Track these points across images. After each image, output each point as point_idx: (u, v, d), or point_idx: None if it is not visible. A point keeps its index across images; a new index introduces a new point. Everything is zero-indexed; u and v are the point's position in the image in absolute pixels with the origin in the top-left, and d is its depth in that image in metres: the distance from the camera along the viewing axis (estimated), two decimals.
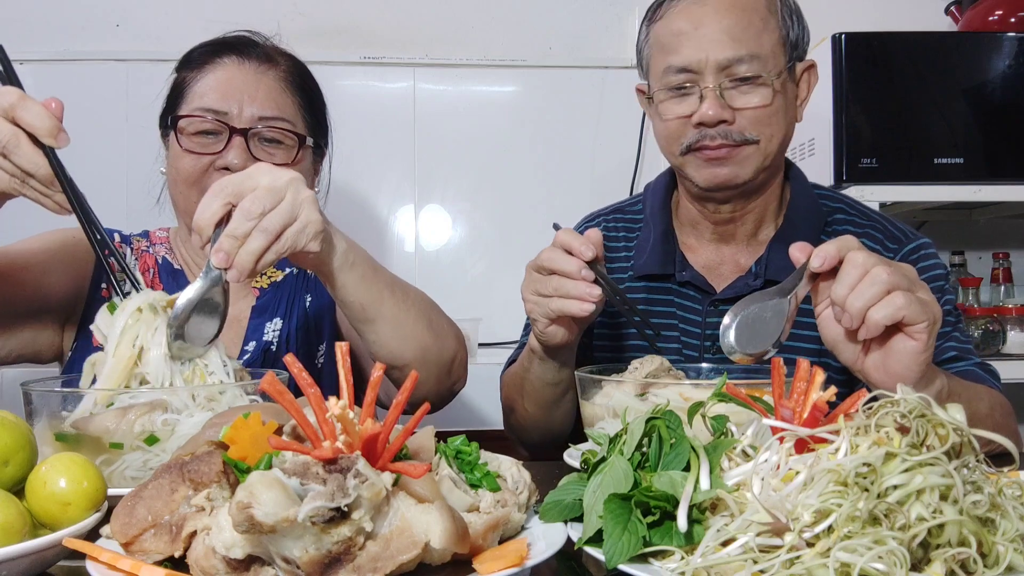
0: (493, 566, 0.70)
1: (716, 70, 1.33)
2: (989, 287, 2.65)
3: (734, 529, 0.69)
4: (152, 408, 0.98)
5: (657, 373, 1.19)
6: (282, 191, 1.06)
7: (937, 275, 1.43)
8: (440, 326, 1.32)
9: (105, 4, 2.43)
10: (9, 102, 1.05)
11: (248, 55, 1.46)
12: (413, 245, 2.61)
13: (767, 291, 1.09)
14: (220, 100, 1.41)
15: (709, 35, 1.33)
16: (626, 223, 1.59)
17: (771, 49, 1.35)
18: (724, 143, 1.35)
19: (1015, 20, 2.43)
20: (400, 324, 1.24)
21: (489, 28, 2.60)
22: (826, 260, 1.03)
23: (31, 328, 1.40)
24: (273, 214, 1.05)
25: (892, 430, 0.71)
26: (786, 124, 1.40)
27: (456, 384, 1.38)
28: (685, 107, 1.37)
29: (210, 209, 1.05)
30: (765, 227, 1.49)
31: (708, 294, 1.46)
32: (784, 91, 1.37)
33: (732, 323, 1.08)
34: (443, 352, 1.31)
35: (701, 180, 1.40)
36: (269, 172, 1.08)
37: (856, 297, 1.00)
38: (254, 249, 1.04)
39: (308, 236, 1.08)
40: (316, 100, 1.54)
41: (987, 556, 0.66)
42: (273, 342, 1.48)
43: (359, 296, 1.21)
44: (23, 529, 0.74)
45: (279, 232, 1.06)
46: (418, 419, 0.73)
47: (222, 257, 1.04)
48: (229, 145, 1.39)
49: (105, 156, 2.35)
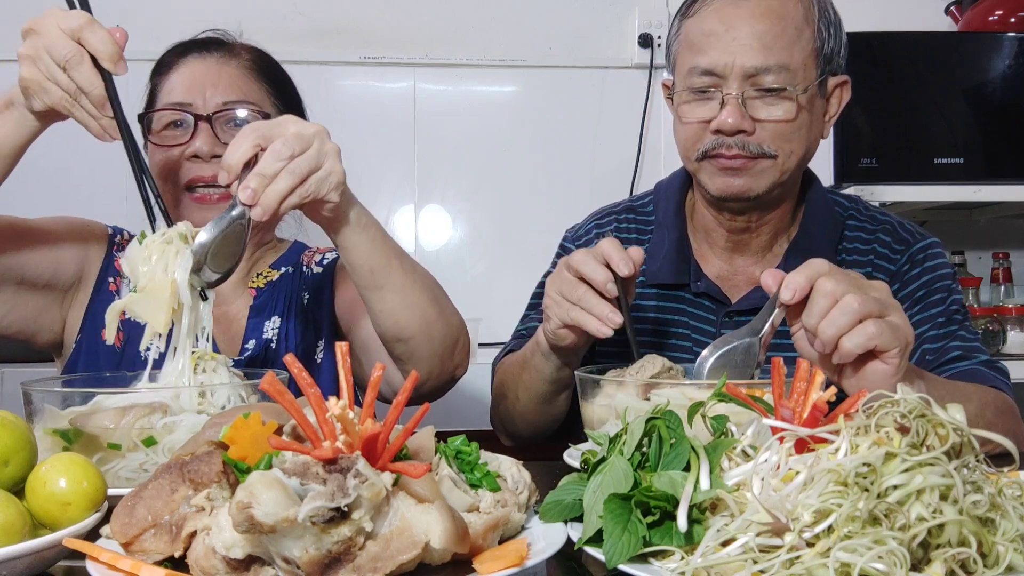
0: (493, 566, 0.70)
1: (741, 77, 1.29)
2: (989, 287, 2.65)
3: (734, 529, 0.69)
4: (152, 410, 0.98)
5: (660, 374, 1.19)
6: (309, 139, 1.10)
7: (944, 274, 1.43)
8: (445, 304, 1.33)
9: (105, 4, 2.42)
10: (78, 23, 1.10)
11: (210, 50, 1.48)
12: (413, 245, 2.61)
13: (738, 331, 1.11)
14: (184, 93, 1.43)
15: (739, 39, 1.29)
16: (638, 224, 1.56)
17: (802, 61, 1.31)
18: (740, 154, 1.31)
19: (1015, 20, 2.43)
20: (407, 293, 1.25)
21: (489, 28, 2.60)
22: (796, 292, 1.02)
23: (35, 301, 1.40)
24: (301, 158, 1.09)
25: (892, 430, 0.71)
26: (808, 141, 1.36)
27: (457, 369, 1.38)
28: (705, 111, 1.33)
29: (240, 149, 1.09)
30: (780, 238, 1.47)
31: (723, 305, 1.43)
32: (811, 107, 1.33)
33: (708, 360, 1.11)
34: (447, 329, 1.31)
35: (714, 189, 1.37)
36: (296, 121, 1.13)
37: (828, 325, 0.99)
38: (281, 189, 1.08)
39: (331, 185, 1.13)
40: (285, 87, 1.54)
41: (987, 556, 0.66)
42: (273, 340, 1.48)
43: (369, 259, 1.22)
44: (23, 529, 0.74)
45: (305, 176, 1.10)
46: (418, 419, 0.73)
47: (249, 194, 1.08)
48: (196, 133, 1.40)
49: (105, 156, 2.34)
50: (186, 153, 1.41)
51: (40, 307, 1.41)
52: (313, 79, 1.67)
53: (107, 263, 1.48)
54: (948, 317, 1.40)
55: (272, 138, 1.09)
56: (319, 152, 1.11)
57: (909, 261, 1.44)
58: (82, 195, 2.29)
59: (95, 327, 1.43)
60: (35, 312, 1.41)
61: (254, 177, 1.08)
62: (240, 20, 1.61)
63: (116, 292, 1.46)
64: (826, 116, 1.41)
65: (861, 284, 1.02)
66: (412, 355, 1.28)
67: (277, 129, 1.11)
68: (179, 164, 1.42)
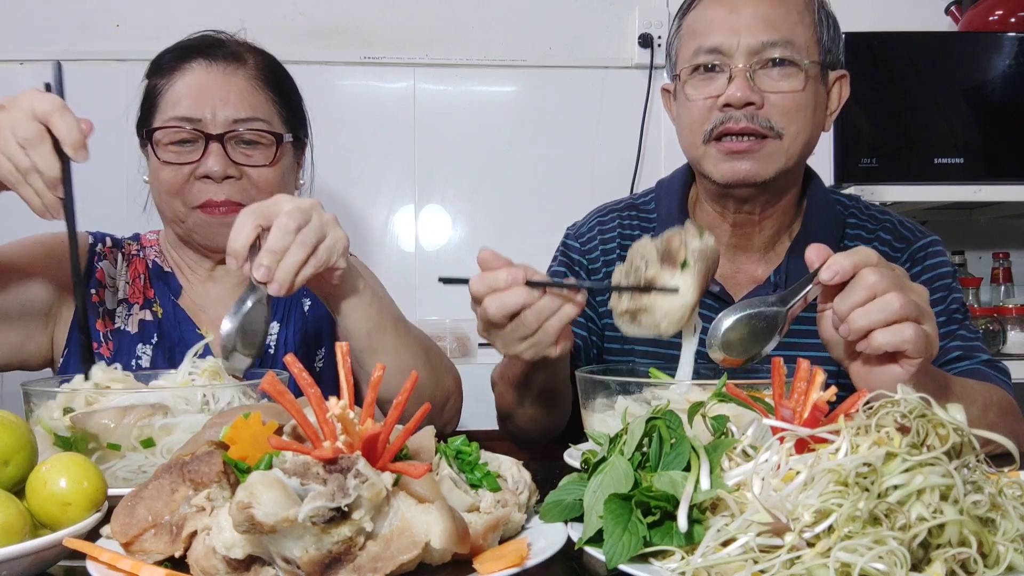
0: (493, 566, 0.70)
1: (748, 53, 1.30)
2: (989, 287, 2.65)
3: (734, 529, 0.69)
4: (153, 411, 0.98)
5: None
6: (308, 212, 1.14)
7: (945, 273, 1.42)
8: (438, 364, 1.35)
9: (105, 4, 2.43)
10: (49, 107, 1.12)
11: (215, 57, 1.45)
12: (413, 245, 2.61)
13: (767, 298, 1.07)
14: (192, 107, 1.40)
15: (744, 20, 1.31)
16: (640, 221, 1.55)
17: (805, 42, 1.32)
18: (749, 126, 1.31)
19: (1015, 20, 2.43)
20: (400, 355, 1.28)
21: (489, 28, 2.60)
22: (837, 275, 1.01)
23: (15, 333, 1.39)
24: (308, 229, 1.13)
25: (892, 430, 0.71)
26: (812, 125, 1.36)
27: (447, 426, 1.40)
28: (713, 88, 1.33)
29: (243, 232, 1.12)
30: (782, 236, 1.46)
31: (726, 303, 1.43)
32: (815, 88, 1.34)
33: (726, 321, 1.06)
34: (439, 389, 1.35)
35: (719, 175, 1.35)
36: (290, 199, 1.15)
37: (862, 316, 0.99)
38: (294, 262, 1.11)
39: (338, 252, 1.17)
40: (290, 93, 1.53)
41: (987, 556, 0.66)
42: (271, 346, 1.49)
43: (365, 322, 1.25)
44: (23, 529, 0.74)
45: (315, 246, 1.13)
46: (418, 419, 0.73)
47: (263, 272, 1.10)
48: (207, 152, 1.39)
49: (104, 156, 2.33)
50: (197, 173, 1.39)
51: (22, 337, 1.40)
52: (313, 79, 1.67)
53: (88, 274, 1.46)
54: (948, 317, 1.40)
55: (271, 216, 1.12)
56: (321, 222, 1.14)
57: (910, 260, 1.44)
58: (81, 196, 2.29)
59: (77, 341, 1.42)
60: (18, 342, 1.40)
61: (266, 254, 1.10)
62: (240, 20, 1.61)
63: (100, 303, 1.46)
64: (828, 110, 1.41)
65: (904, 284, 1.02)
66: None
67: (275, 208, 1.13)
68: (189, 182, 1.40)
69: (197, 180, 1.39)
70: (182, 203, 1.41)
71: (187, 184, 1.40)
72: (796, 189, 1.45)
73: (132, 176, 1.60)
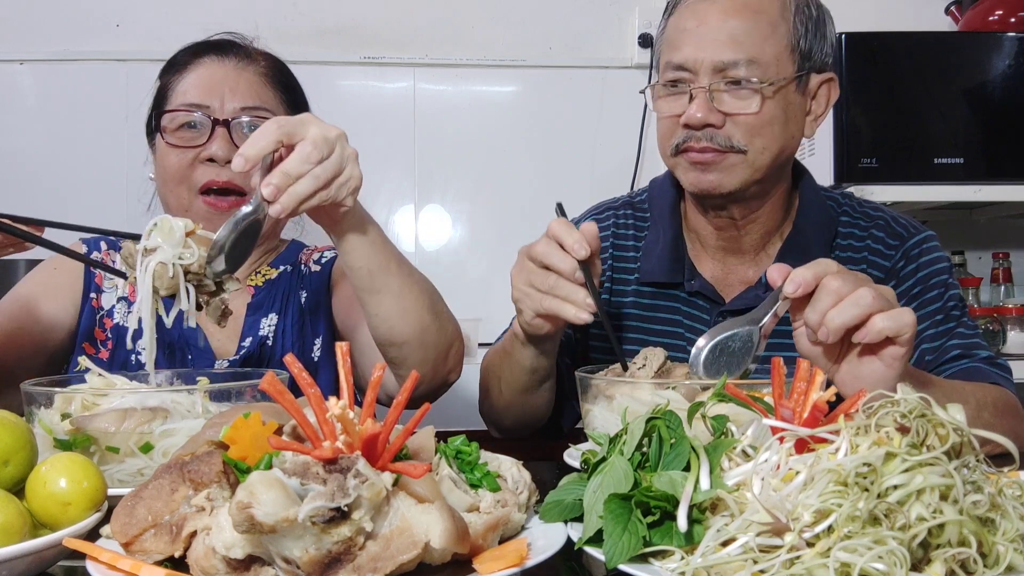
0: (493, 566, 0.70)
1: (711, 71, 1.30)
2: (989, 287, 2.65)
3: (734, 529, 0.69)
4: (153, 416, 0.98)
5: (667, 368, 1.18)
6: (332, 143, 1.11)
7: (941, 268, 1.41)
8: (441, 310, 1.33)
9: (105, 4, 2.43)
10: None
11: (228, 53, 1.48)
12: (413, 245, 2.61)
13: (738, 319, 1.10)
14: (202, 95, 1.43)
15: (710, 35, 1.31)
16: (636, 220, 1.55)
17: (775, 56, 1.31)
18: (708, 146, 1.31)
19: (1015, 20, 2.43)
20: (403, 298, 1.25)
21: (489, 28, 2.60)
22: (800, 286, 1.02)
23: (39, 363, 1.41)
24: (327, 163, 1.10)
25: (892, 430, 0.71)
26: (783, 137, 1.34)
27: (450, 374, 1.38)
28: (677, 106, 1.34)
29: (263, 141, 1.08)
30: (772, 238, 1.46)
31: (717, 304, 1.43)
32: (784, 102, 1.33)
33: (704, 348, 1.09)
34: (442, 335, 1.31)
35: (688, 185, 1.38)
36: (318, 122, 1.12)
37: (837, 315, 0.99)
38: (302, 192, 1.09)
39: (348, 190, 1.14)
40: (298, 97, 1.55)
41: (987, 556, 0.66)
42: (269, 337, 1.49)
43: (368, 261, 1.23)
44: (23, 529, 0.74)
45: (328, 182, 1.11)
46: (418, 419, 0.73)
47: (272, 190, 1.08)
48: (213, 136, 1.40)
49: (105, 156, 2.34)
50: (201, 156, 1.41)
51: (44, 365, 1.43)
52: (313, 79, 1.67)
53: (87, 282, 1.48)
54: (946, 314, 1.39)
55: (295, 136, 1.09)
56: (341, 156, 1.12)
57: (904, 257, 1.43)
58: (82, 196, 2.31)
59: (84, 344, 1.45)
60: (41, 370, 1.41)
61: (279, 174, 1.08)
62: (241, 20, 1.61)
63: (99, 308, 1.47)
64: (810, 114, 1.39)
65: (869, 283, 1.02)
66: (405, 360, 1.28)
67: (301, 129, 1.10)
68: (193, 167, 1.41)
69: (201, 164, 1.41)
70: (187, 189, 1.42)
71: (191, 168, 1.41)
72: (782, 192, 1.44)
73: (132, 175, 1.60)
